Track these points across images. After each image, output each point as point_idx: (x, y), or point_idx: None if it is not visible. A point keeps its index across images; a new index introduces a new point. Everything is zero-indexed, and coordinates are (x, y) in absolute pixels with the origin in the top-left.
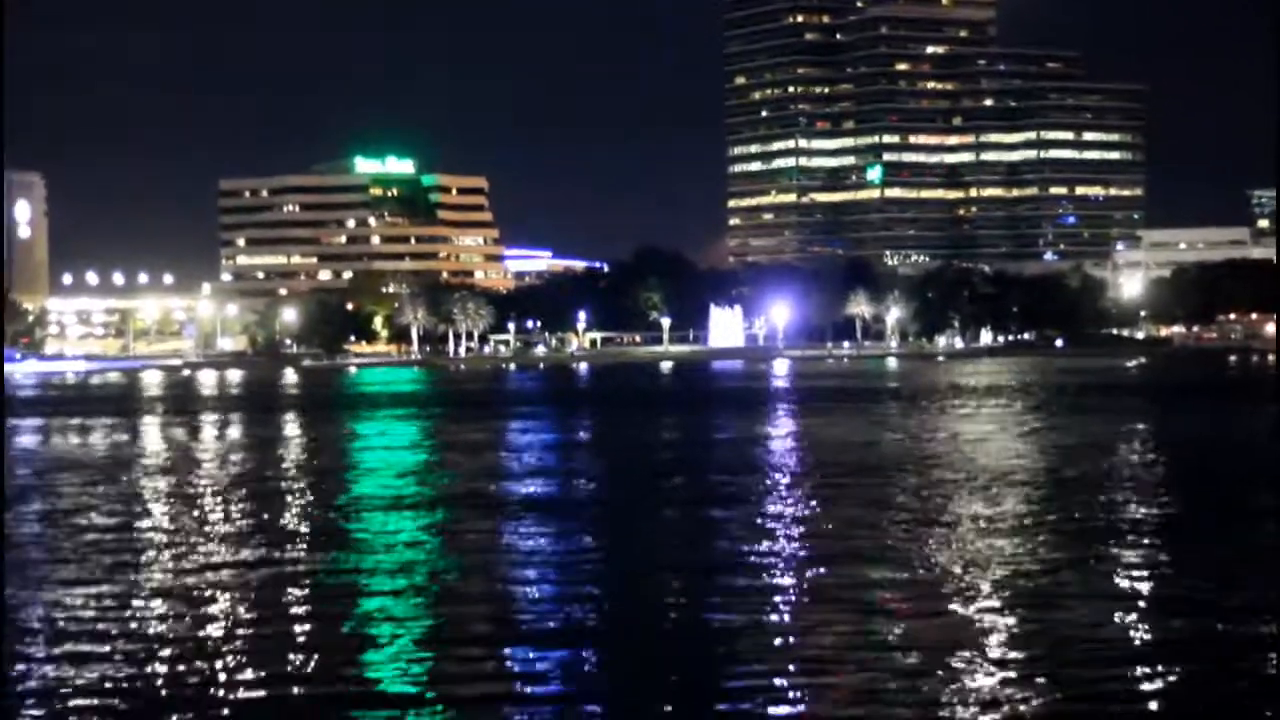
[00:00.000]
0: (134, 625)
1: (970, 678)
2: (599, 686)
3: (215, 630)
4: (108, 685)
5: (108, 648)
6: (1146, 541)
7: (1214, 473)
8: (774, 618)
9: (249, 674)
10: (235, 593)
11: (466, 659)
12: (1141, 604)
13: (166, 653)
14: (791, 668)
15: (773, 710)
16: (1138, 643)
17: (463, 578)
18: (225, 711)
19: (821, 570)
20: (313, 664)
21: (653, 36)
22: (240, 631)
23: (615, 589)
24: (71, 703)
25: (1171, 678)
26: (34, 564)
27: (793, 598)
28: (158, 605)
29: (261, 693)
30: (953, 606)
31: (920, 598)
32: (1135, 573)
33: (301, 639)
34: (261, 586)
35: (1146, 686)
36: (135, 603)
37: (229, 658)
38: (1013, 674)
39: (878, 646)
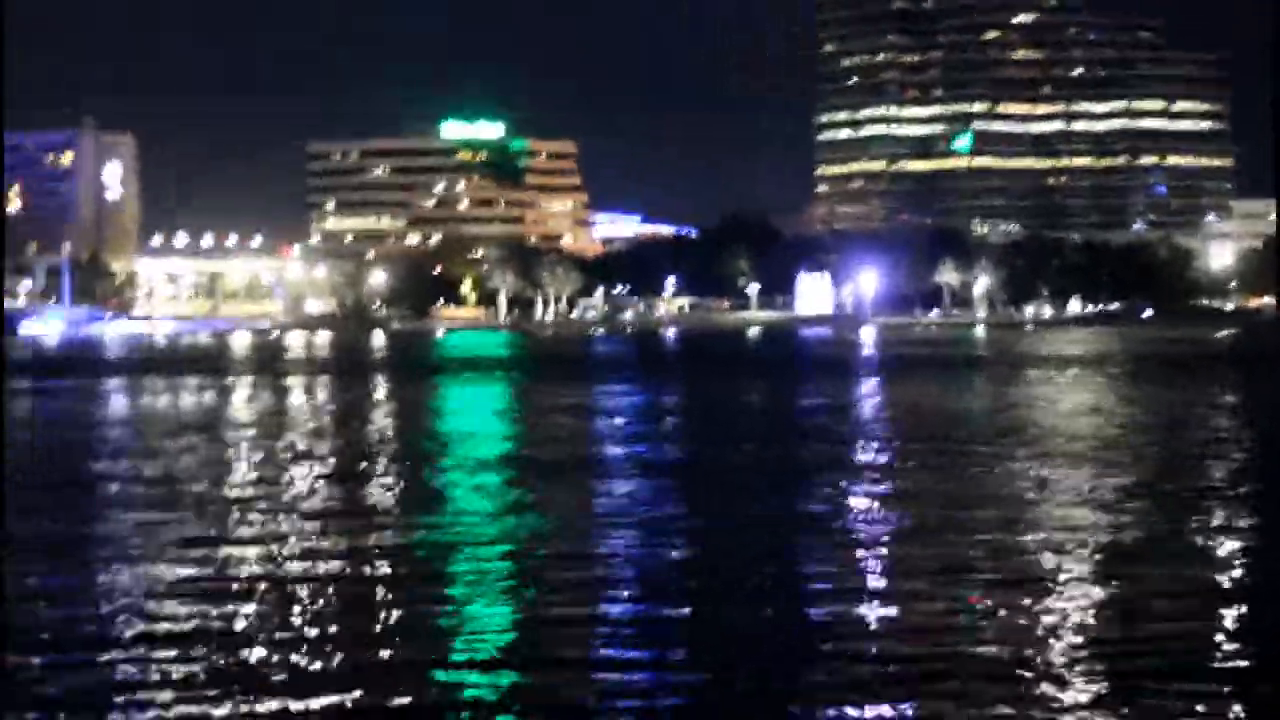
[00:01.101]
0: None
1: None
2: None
3: (300, 599)
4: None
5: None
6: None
7: None
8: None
9: (339, 644)
10: (326, 560)
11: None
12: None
13: (254, 611)
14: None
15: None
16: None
17: (560, 539)
18: (311, 677)
19: (930, 543)
20: (400, 628)
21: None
22: (328, 601)
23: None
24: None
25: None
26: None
27: (885, 564)
28: (254, 557)
29: (350, 659)
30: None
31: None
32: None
33: (390, 605)
34: (353, 553)
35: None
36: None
37: (315, 626)
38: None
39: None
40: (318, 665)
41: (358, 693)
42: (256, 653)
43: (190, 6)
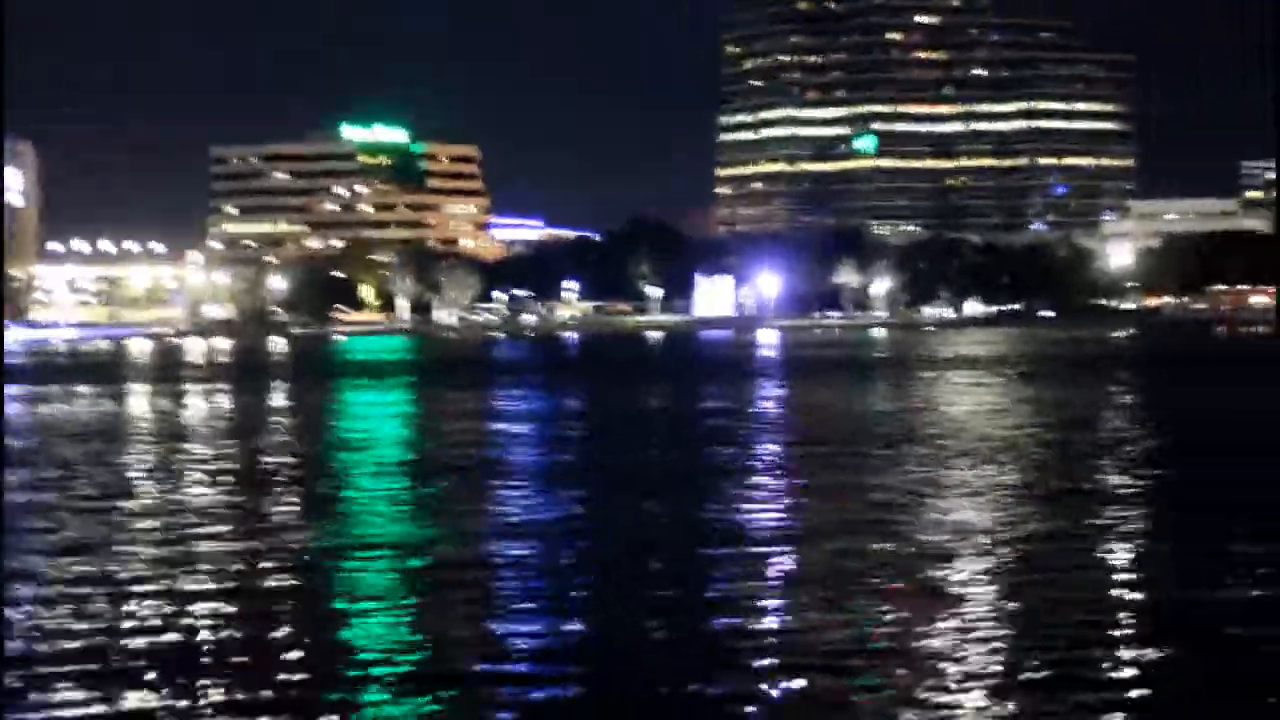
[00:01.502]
0: (116, 590)
1: (956, 648)
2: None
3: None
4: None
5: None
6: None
7: (1204, 443)
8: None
9: (240, 655)
10: (223, 564)
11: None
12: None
13: (151, 622)
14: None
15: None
16: (1119, 613)
17: (457, 547)
18: (219, 689)
19: (817, 544)
20: (302, 640)
21: (647, 5)
22: (227, 609)
23: (605, 557)
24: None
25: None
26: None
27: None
28: (144, 570)
29: (253, 670)
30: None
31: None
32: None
33: (287, 614)
34: (252, 556)
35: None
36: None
37: (215, 635)
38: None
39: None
40: (207, 674)
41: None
42: (144, 660)
43: (89, 9)
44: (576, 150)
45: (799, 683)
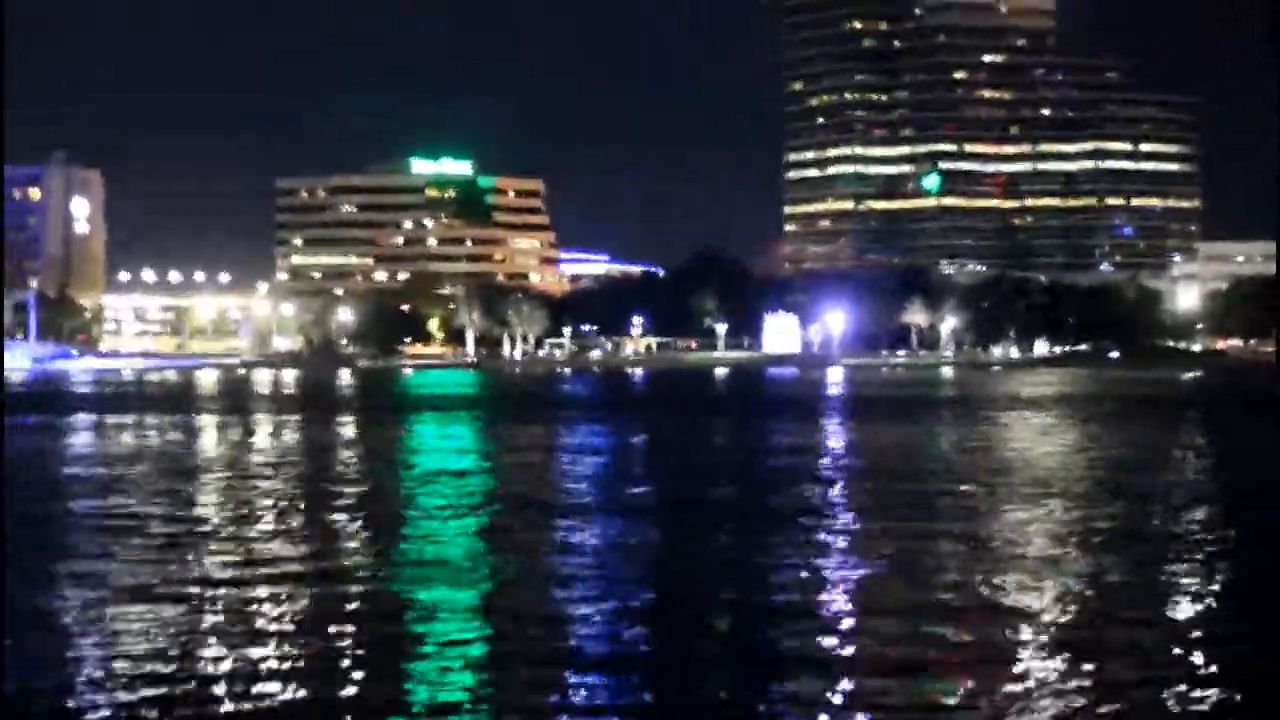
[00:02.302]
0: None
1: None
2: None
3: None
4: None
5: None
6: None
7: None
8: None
9: (296, 687)
10: (287, 600)
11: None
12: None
13: (212, 654)
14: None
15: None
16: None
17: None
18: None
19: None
20: (359, 675)
21: (713, 42)
22: (286, 644)
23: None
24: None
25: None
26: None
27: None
28: (207, 605)
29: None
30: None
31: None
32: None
33: (351, 648)
34: (315, 589)
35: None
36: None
37: (270, 668)
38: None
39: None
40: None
41: None
42: (221, 687)
43: (160, 43)
44: (636, 185)
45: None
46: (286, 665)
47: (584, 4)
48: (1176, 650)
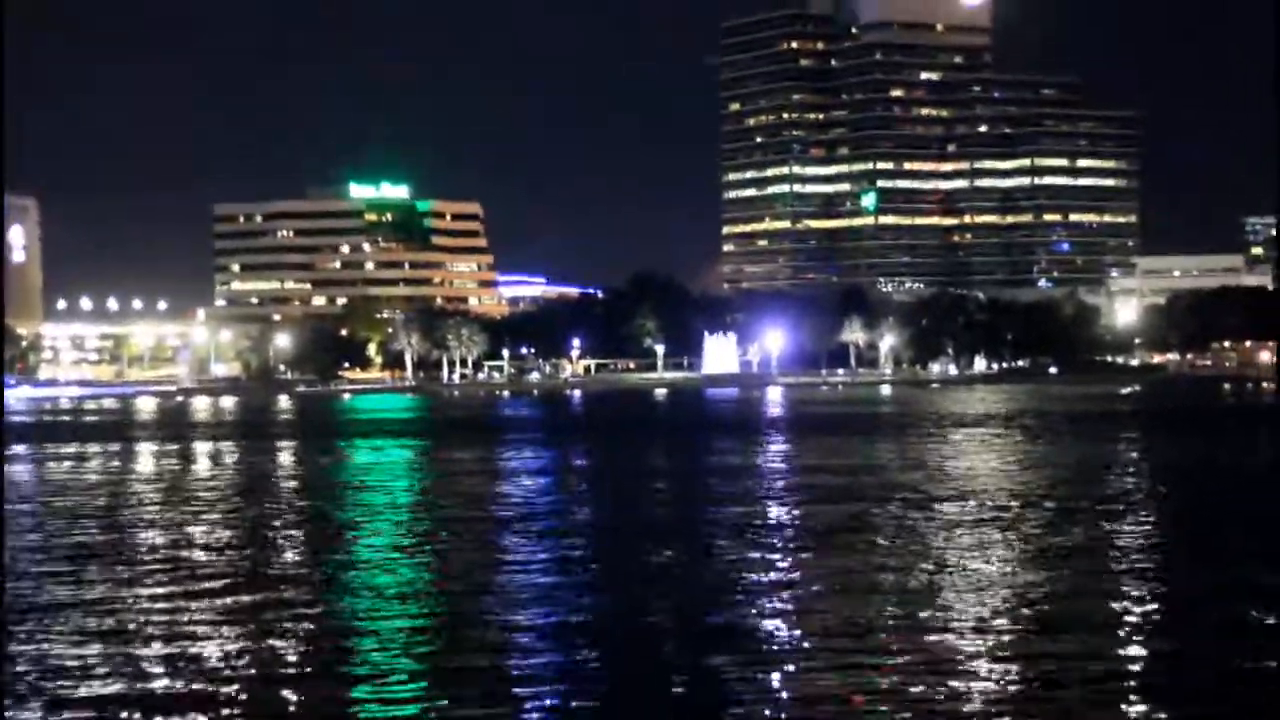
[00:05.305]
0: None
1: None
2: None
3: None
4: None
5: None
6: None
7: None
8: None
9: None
10: (232, 622)
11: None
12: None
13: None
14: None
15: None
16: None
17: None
18: None
19: (822, 602)
20: (305, 697)
21: (648, 64)
22: (236, 664)
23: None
24: None
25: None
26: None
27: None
28: (153, 630)
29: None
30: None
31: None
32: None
33: (294, 668)
34: (257, 615)
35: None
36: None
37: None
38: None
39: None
40: None
41: None
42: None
43: (95, 69)
44: (573, 207)
45: None
46: (224, 691)
47: (519, 26)
48: (1106, 665)
